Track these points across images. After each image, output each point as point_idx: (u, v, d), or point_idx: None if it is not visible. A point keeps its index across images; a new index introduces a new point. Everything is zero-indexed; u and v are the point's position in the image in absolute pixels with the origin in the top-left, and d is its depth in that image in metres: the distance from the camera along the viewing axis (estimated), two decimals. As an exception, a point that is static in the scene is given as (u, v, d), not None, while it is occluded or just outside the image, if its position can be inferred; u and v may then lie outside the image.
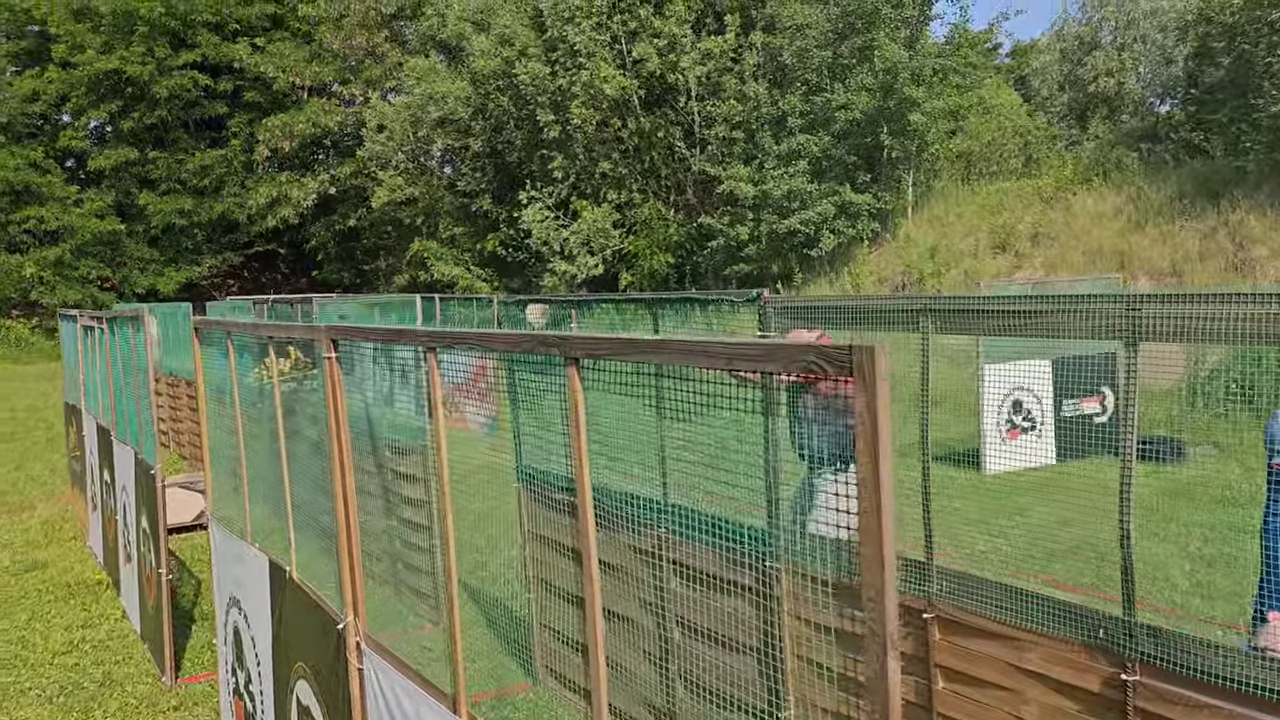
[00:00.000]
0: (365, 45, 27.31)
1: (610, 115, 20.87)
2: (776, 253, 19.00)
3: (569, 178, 21.60)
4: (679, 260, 21.15)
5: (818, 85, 18.85)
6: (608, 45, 20.22)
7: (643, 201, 21.43)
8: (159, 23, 30.17)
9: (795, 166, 18.34)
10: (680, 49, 19.86)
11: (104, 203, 30.48)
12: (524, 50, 21.43)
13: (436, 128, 23.93)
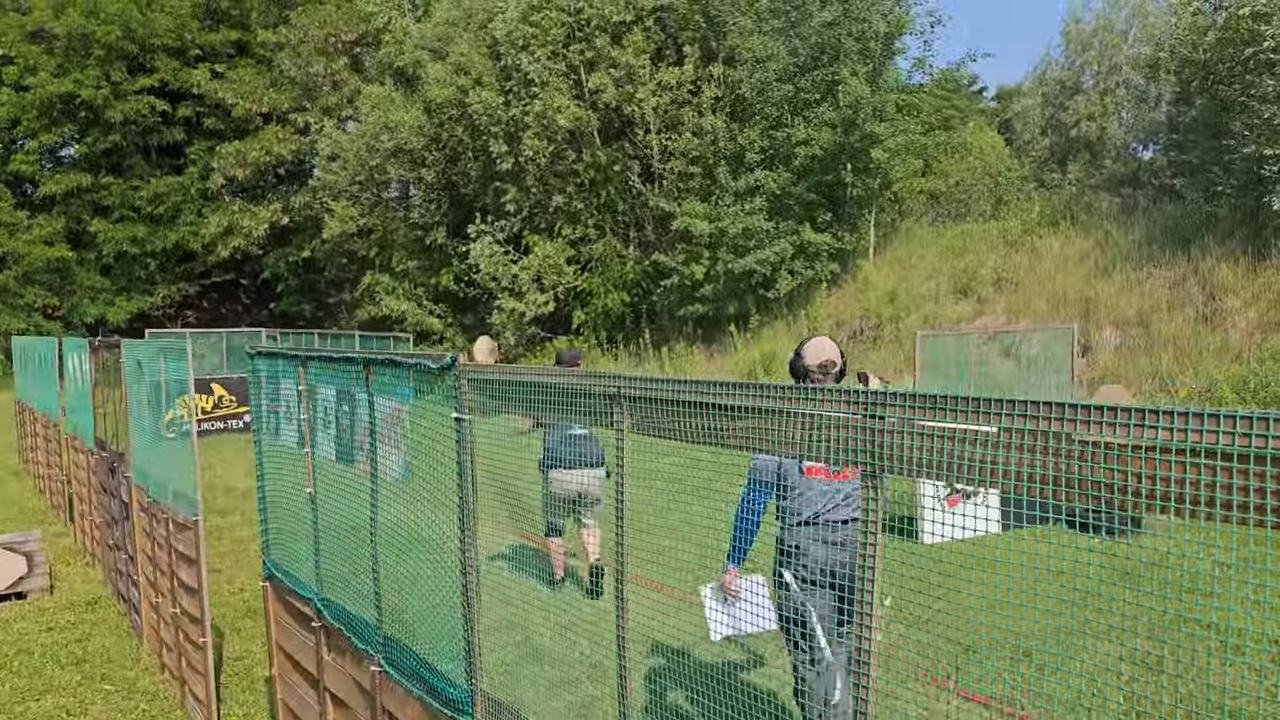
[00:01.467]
0: (324, 72, 26.56)
1: (565, 147, 20.08)
2: (733, 293, 18.17)
3: (521, 211, 20.77)
4: (635, 299, 20.28)
5: (778, 120, 18.11)
6: (563, 75, 19.46)
7: (598, 237, 20.59)
8: (116, 46, 29.39)
9: (753, 203, 17.55)
10: (638, 80, 19.12)
11: (53, 229, 29.52)
12: (479, 79, 20.66)
13: (390, 158, 23.12)
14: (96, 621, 6.72)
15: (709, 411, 1.93)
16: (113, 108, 29.44)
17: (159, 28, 30.17)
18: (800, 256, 17.26)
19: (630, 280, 20.04)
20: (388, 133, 22.44)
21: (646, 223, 21.10)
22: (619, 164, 20.13)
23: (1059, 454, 1.39)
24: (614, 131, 20.56)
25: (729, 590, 4.16)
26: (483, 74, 20.61)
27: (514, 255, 20.46)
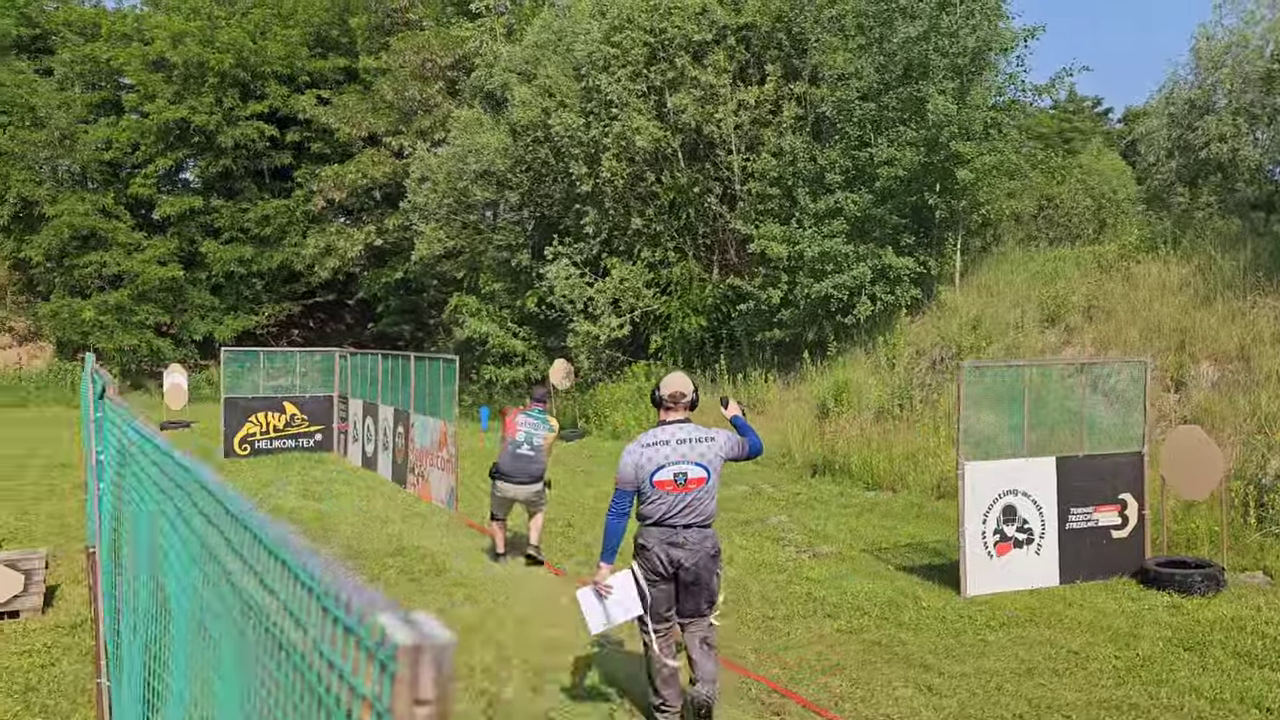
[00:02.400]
0: (418, 96, 26.96)
1: (644, 169, 19.78)
2: (811, 319, 17.52)
3: (600, 233, 20.54)
4: (713, 324, 19.77)
5: (860, 140, 17.43)
6: (643, 96, 19.19)
7: (677, 260, 20.19)
8: (229, 74, 30.54)
9: (832, 226, 16.90)
10: (718, 100, 18.70)
11: (167, 249, 30.74)
12: (563, 101, 20.58)
13: (477, 180, 23.24)
14: (70, 646, 6.59)
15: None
16: (224, 133, 30.56)
17: (270, 56, 31.24)
18: (881, 281, 16.52)
19: (709, 304, 19.55)
20: (474, 155, 22.56)
21: (729, 245, 20.61)
22: (699, 185, 19.73)
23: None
24: (695, 152, 20.17)
25: (602, 587, 5.12)
26: (567, 96, 20.52)
27: (590, 278, 20.22)
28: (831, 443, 14.40)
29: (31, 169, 30.21)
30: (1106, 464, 8.51)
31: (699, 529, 5.12)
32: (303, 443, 17.37)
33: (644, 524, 5.16)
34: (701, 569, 5.11)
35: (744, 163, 19.04)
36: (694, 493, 5.10)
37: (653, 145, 19.06)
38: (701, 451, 5.16)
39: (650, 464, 5.08)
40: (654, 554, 5.05)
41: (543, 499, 9.26)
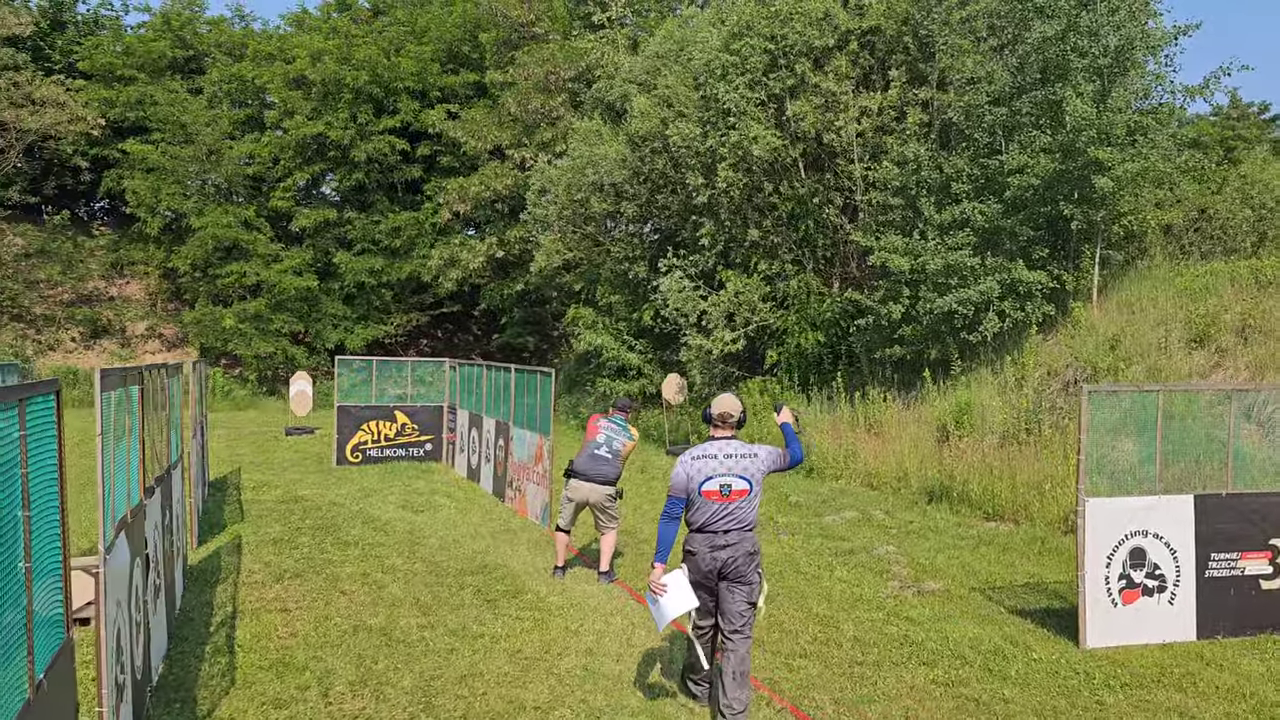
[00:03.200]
0: (541, 109, 27.04)
1: (762, 179, 19.18)
2: (934, 335, 16.59)
3: (716, 245, 20.02)
4: (832, 339, 19.00)
5: (989, 147, 16.44)
6: (761, 104, 18.61)
7: (795, 273, 19.50)
8: (364, 90, 31.38)
9: (958, 237, 15.96)
10: (839, 106, 17.98)
11: (303, 260, 31.74)
12: (681, 111, 20.19)
13: (596, 191, 23.08)
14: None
15: None
16: (358, 147, 31.40)
17: (403, 72, 31.97)
18: (1010, 296, 15.49)
19: (827, 319, 18.79)
20: (593, 166, 22.40)
21: (849, 258, 19.81)
22: (819, 196, 19.01)
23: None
24: (815, 162, 19.47)
25: (655, 587, 5.72)
26: (685, 105, 20.12)
27: (704, 290, 19.72)
28: (950, 468, 13.50)
29: (180, 183, 31.67)
30: (1257, 504, 7.52)
31: (739, 533, 5.72)
32: (412, 452, 17.43)
33: (691, 530, 5.78)
34: (741, 562, 5.67)
35: (865, 172, 18.24)
36: (737, 503, 5.70)
37: (770, 155, 18.45)
38: (745, 466, 5.72)
39: (699, 475, 5.68)
40: (700, 558, 5.67)
41: (613, 509, 9.17)
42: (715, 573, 5.68)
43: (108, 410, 4.51)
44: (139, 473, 5.69)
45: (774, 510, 12.98)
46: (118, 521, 4.88)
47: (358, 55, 31.41)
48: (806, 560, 10.14)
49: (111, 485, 4.63)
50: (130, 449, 5.36)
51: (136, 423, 5.60)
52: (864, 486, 14.88)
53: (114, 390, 4.80)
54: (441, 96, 32.94)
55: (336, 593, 8.43)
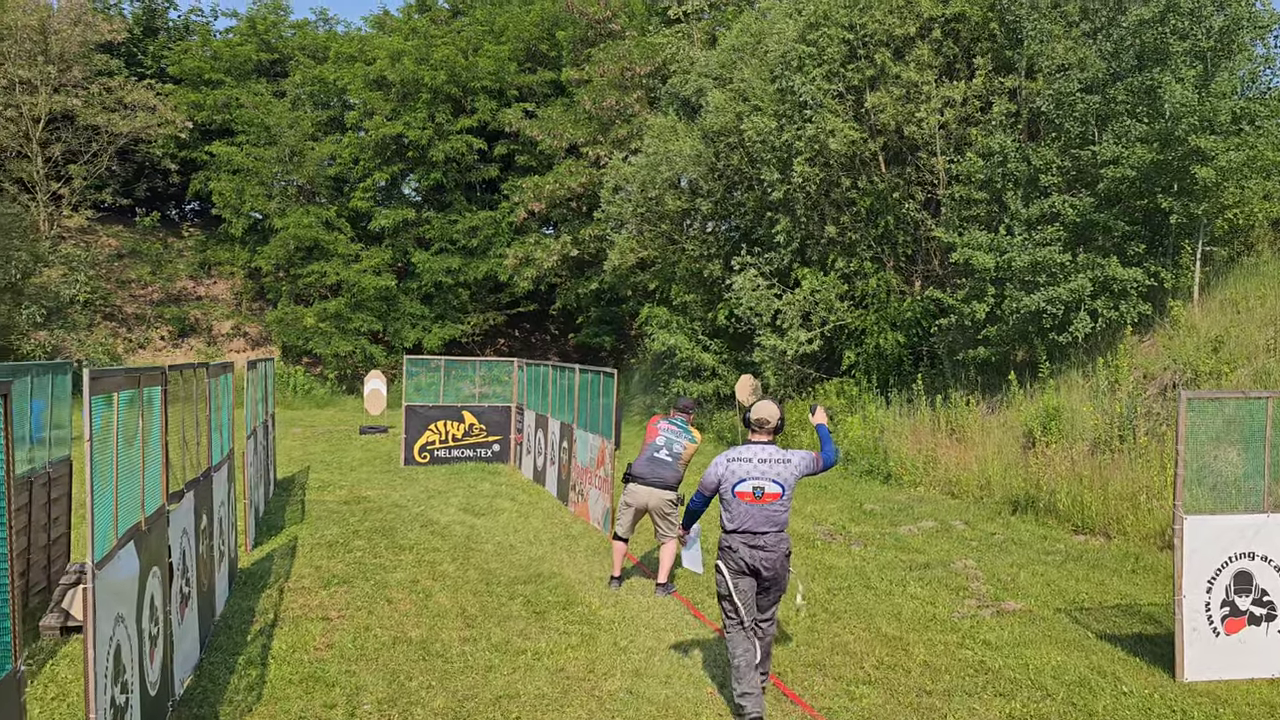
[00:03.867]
0: (616, 106, 26.72)
1: (839, 174, 18.53)
2: (1020, 336, 15.78)
3: (792, 242, 19.42)
4: (912, 339, 18.26)
5: (1081, 137, 15.56)
6: (839, 96, 17.98)
7: (874, 271, 18.79)
8: (441, 90, 31.46)
9: (1046, 233, 15.14)
10: (920, 97, 17.24)
11: (382, 259, 31.97)
12: (756, 105, 19.65)
13: (669, 188, 22.66)
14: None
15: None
16: (436, 147, 31.49)
17: (480, 71, 31.96)
18: (1103, 295, 14.62)
19: (907, 319, 18.05)
20: (667, 163, 21.99)
21: (931, 255, 19.03)
22: (899, 191, 18.28)
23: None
24: (895, 155, 18.74)
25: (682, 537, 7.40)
26: (761, 99, 19.57)
27: (779, 289, 19.14)
28: (1037, 476, 12.74)
29: (264, 184, 32.18)
30: (1378, 525, 6.75)
31: (775, 534, 5.96)
32: (480, 453, 17.23)
33: (727, 531, 6.01)
34: (778, 567, 5.99)
35: (948, 165, 17.46)
36: (770, 505, 5.94)
37: (848, 148, 17.80)
38: (779, 471, 5.96)
39: (733, 476, 5.97)
40: (739, 555, 5.93)
41: (674, 516, 8.84)
42: (753, 571, 5.94)
43: (106, 412, 4.25)
44: (161, 477, 5.45)
45: (846, 519, 12.39)
46: (127, 529, 4.62)
47: (436, 55, 31.50)
48: (878, 574, 9.57)
49: (114, 492, 4.36)
50: (148, 452, 5.11)
51: (157, 425, 5.36)
52: (944, 494, 14.19)
53: (123, 391, 4.54)
54: (519, 95, 32.86)
55: (382, 600, 8.16)
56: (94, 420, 3.90)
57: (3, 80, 29.83)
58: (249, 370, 10.33)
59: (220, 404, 7.93)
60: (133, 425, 4.79)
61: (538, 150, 30.81)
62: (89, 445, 3.85)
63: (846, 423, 17.27)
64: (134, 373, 4.83)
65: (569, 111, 30.32)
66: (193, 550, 6.37)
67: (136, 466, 4.85)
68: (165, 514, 5.50)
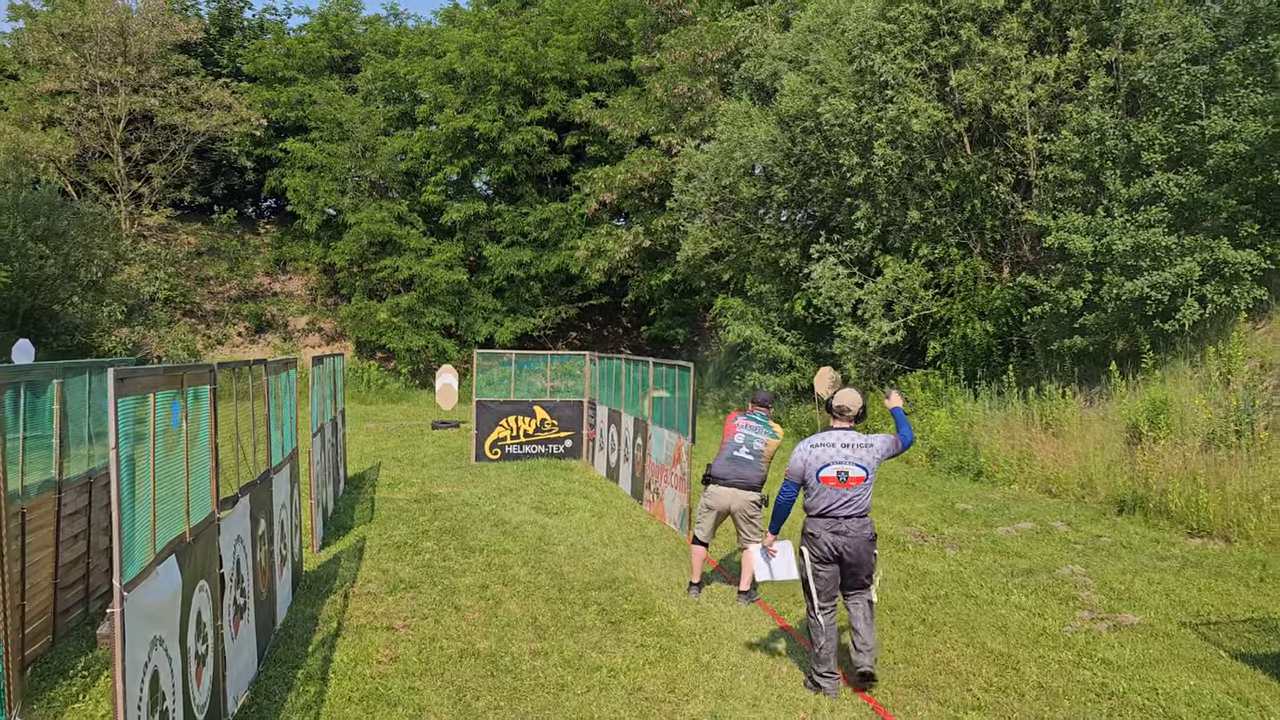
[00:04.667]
0: (688, 92, 26.11)
1: (923, 156, 17.72)
2: (1121, 324, 14.85)
3: (873, 229, 18.65)
4: (1002, 329, 17.39)
5: (1187, 111, 14.54)
6: (921, 75, 17.17)
7: (960, 257, 17.94)
8: (511, 81, 31.18)
9: (1149, 214, 14.19)
10: (1009, 74, 16.35)
11: (453, 253, 31.83)
12: (834, 86, 18.92)
13: (743, 175, 22.03)
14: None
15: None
16: (506, 139, 31.23)
17: (550, 62, 31.61)
18: (1213, 279, 13.63)
19: (996, 307, 17.19)
20: (741, 149, 21.35)
21: (1022, 240, 18.10)
22: (987, 173, 17.40)
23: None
24: (983, 136, 17.86)
25: (769, 549, 6.65)
26: (838, 80, 18.83)
27: (860, 278, 18.39)
28: (1145, 474, 11.88)
29: (337, 180, 32.26)
30: None
31: (858, 519, 6.04)
32: (552, 449, 16.84)
33: (810, 515, 6.11)
34: (862, 552, 6.03)
35: (1040, 144, 16.54)
36: (854, 489, 6.02)
37: (932, 129, 16.99)
38: (861, 455, 6.06)
39: (817, 462, 6.06)
40: (821, 541, 6.01)
41: (758, 518, 8.36)
42: (836, 556, 6.01)
43: (135, 415, 3.85)
44: (210, 482, 5.07)
45: (938, 519, 11.69)
46: (168, 543, 4.24)
47: (505, 47, 31.24)
48: (977, 580, 8.89)
49: (152, 502, 3.97)
50: (195, 455, 4.74)
51: (205, 426, 4.98)
52: (1041, 493, 13.38)
53: (160, 391, 4.15)
54: (589, 85, 32.43)
55: (450, 608, 7.76)
56: (120, 424, 3.49)
57: (85, 82, 30.36)
58: (315, 366, 10.02)
59: (282, 401, 7.59)
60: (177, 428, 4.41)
61: (608, 140, 30.36)
62: (113, 453, 3.45)
63: (933, 416, 16.50)
64: (176, 370, 4.44)
65: (640, 100, 29.80)
66: (249, 558, 6.01)
67: (179, 472, 4.47)
68: (216, 522, 5.12)
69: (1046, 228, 15.47)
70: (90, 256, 26.66)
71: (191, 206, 34.88)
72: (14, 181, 26.40)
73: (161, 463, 4.19)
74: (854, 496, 6.02)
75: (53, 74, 30.16)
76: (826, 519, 6.02)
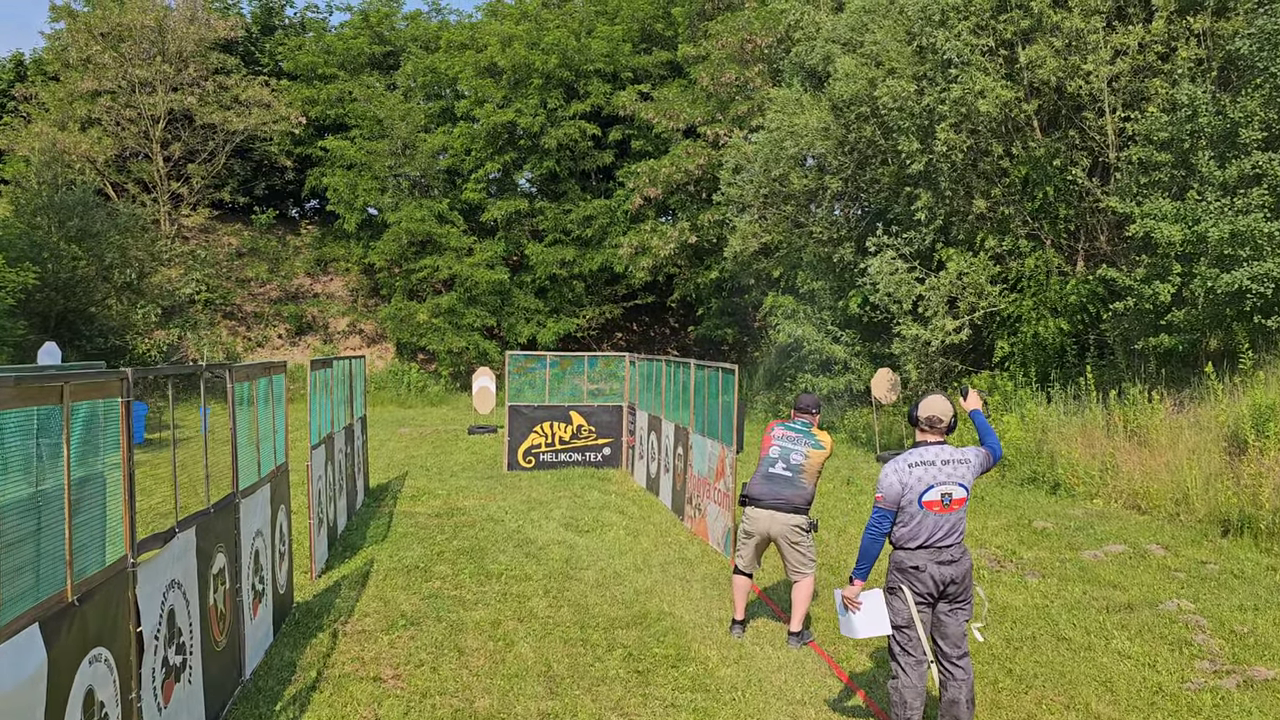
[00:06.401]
0: (735, 80, 24.91)
1: (990, 140, 16.36)
2: (1216, 320, 13.41)
3: (935, 220, 17.32)
4: (1078, 327, 15.98)
5: (1291, 81, 13.06)
6: (988, 52, 15.82)
7: (1031, 249, 16.56)
8: (553, 74, 30.20)
9: (1248, 197, 12.75)
10: (1086, 48, 14.96)
11: (494, 253, 30.93)
12: (892, 68, 17.62)
13: (795, 166, 20.78)
14: None
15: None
16: (548, 134, 30.24)
17: (593, 54, 30.57)
18: (1323, 270, 12.17)
19: (1071, 303, 15.79)
20: (792, 138, 20.12)
21: (1099, 229, 16.66)
22: (1060, 157, 15.99)
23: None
24: (1055, 117, 16.46)
25: (850, 602, 5.24)
26: (897, 61, 17.53)
27: (920, 272, 17.08)
28: (1252, 490, 10.48)
29: (377, 178, 31.52)
30: None
31: (960, 547, 5.21)
32: (589, 457, 15.77)
33: (907, 547, 5.16)
34: (966, 580, 5.19)
35: (1121, 124, 15.12)
36: (957, 513, 5.18)
37: (1000, 110, 15.64)
38: (962, 473, 5.17)
39: (919, 484, 5.12)
40: (927, 574, 5.11)
41: (804, 545, 7.06)
42: (939, 592, 5.14)
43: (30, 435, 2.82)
44: (124, 522, 4.05)
45: (1015, 541, 10.40)
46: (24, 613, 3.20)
47: (547, 39, 30.25)
48: (1069, 618, 7.63)
49: None
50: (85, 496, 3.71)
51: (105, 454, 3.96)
52: (1128, 509, 12.01)
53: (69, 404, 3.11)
54: (634, 78, 31.34)
55: (452, 651, 6.69)
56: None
57: (123, 81, 29.95)
58: (315, 370, 9.01)
59: (259, 412, 6.58)
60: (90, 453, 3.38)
61: (653, 134, 29.27)
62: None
63: (1002, 422, 15.14)
64: (52, 379, 3.41)
65: (686, 91, 28.67)
66: (192, 605, 4.98)
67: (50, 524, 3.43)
68: (129, 570, 4.09)
69: (1129, 215, 14.06)
70: (125, 258, 26.15)
71: (233, 207, 34.43)
72: (49, 182, 25.99)
73: (22, 510, 3.15)
74: (957, 523, 5.17)
75: (91, 74, 29.78)
76: (930, 550, 5.11)
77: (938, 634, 5.20)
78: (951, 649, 5.16)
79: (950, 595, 5.16)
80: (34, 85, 31.62)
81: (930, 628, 5.20)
